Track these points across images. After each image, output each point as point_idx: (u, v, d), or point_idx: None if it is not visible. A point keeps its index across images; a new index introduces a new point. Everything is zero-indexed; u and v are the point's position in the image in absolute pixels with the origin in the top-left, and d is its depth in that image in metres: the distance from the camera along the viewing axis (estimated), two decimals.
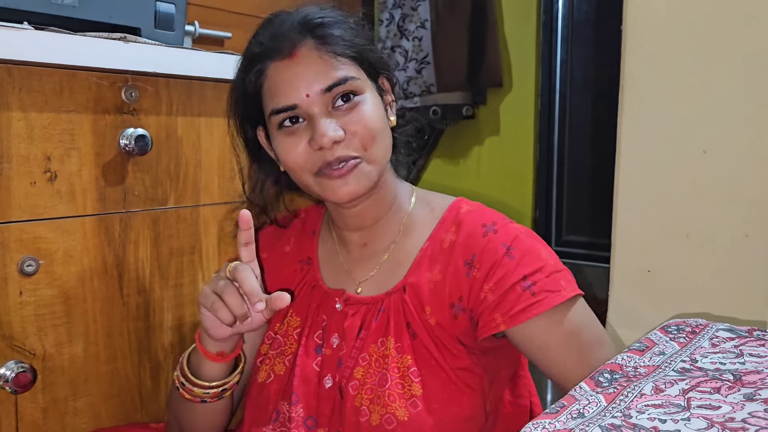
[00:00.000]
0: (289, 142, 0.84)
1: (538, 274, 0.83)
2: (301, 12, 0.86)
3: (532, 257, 0.85)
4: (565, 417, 0.60)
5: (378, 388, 0.84)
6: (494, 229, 0.87)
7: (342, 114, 0.83)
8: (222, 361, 0.88)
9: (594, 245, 2.44)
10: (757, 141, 1.26)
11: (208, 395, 0.89)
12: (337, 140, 0.81)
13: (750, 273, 1.27)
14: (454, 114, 2.41)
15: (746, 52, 1.26)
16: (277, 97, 0.83)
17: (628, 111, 1.38)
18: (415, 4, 2.43)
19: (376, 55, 0.88)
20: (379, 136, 0.84)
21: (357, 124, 0.82)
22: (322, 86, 0.81)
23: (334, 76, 0.82)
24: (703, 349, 0.78)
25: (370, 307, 0.90)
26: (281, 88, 0.83)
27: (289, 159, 0.84)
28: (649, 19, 1.34)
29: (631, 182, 1.39)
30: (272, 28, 0.85)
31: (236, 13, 2.01)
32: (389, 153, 0.88)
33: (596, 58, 2.50)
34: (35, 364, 0.92)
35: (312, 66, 0.82)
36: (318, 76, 0.82)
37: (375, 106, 0.85)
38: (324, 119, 0.82)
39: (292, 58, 0.82)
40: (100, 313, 0.99)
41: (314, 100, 0.82)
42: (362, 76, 0.85)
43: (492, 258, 0.85)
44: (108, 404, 1.01)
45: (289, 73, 0.82)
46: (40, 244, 0.92)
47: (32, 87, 0.90)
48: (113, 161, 0.99)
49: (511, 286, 0.83)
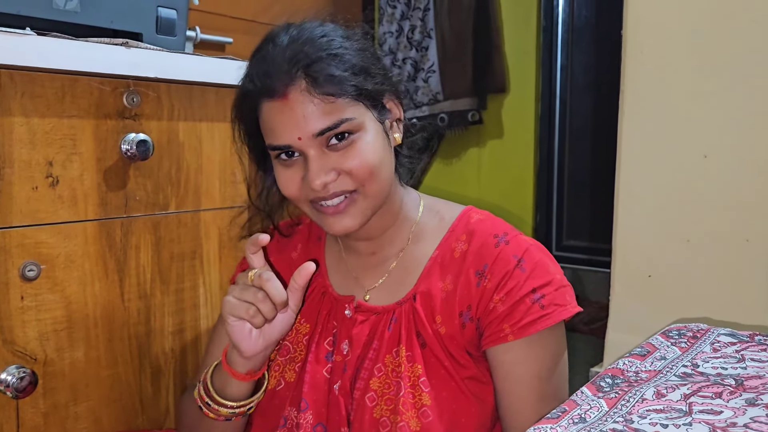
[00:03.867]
0: (285, 174, 0.84)
1: (547, 287, 0.84)
2: (294, 45, 0.81)
3: (542, 271, 0.85)
4: (567, 422, 0.60)
5: (394, 398, 0.84)
6: (506, 240, 0.87)
7: (337, 152, 0.81)
8: (251, 380, 0.87)
9: (595, 250, 2.44)
10: (757, 145, 1.26)
11: (234, 414, 0.88)
12: (328, 183, 0.81)
13: (751, 277, 1.27)
14: (460, 120, 2.45)
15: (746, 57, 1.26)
16: (272, 135, 0.82)
17: (628, 116, 1.38)
18: (422, 15, 2.45)
19: (377, 81, 0.84)
20: (377, 171, 0.82)
21: (352, 162, 0.81)
22: (314, 131, 0.79)
23: (326, 120, 0.79)
24: (704, 353, 0.78)
25: (382, 316, 0.89)
26: (275, 127, 0.81)
27: (286, 190, 0.85)
28: (649, 25, 1.35)
29: (631, 187, 1.39)
30: (264, 65, 0.81)
31: (237, 19, 2.01)
32: (389, 182, 0.86)
33: (596, 63, 2.50)
34: (36, 368, 0.91)
35: (303, 110, 0.79)
36: (309, 122, 0.79)
37: (374, 138, 0.83)
38: (316, 163, 0.80)
39: (283, 99, 0.79)
40: (101, 318, 0.99)
41: (306, 143, 0.80)
42: (359, 111, 0.82)
43: (503, 269, 0.85)
44: (109, 409, 1.01)
45: (282, 116, 0.80)
46: (41, 249, 0.92)
47: (34, 92, 0.90)
48: (115, 166, 0.99)
49: (521, 298, 0.83)
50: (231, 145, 1.14)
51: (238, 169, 1.16)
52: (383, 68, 0.87)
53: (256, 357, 0.86)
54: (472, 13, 2.38)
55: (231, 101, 1.13)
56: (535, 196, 2.53)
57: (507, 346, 0.83)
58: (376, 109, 0.84)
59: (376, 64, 0.85)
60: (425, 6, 2.46)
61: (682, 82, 1.33)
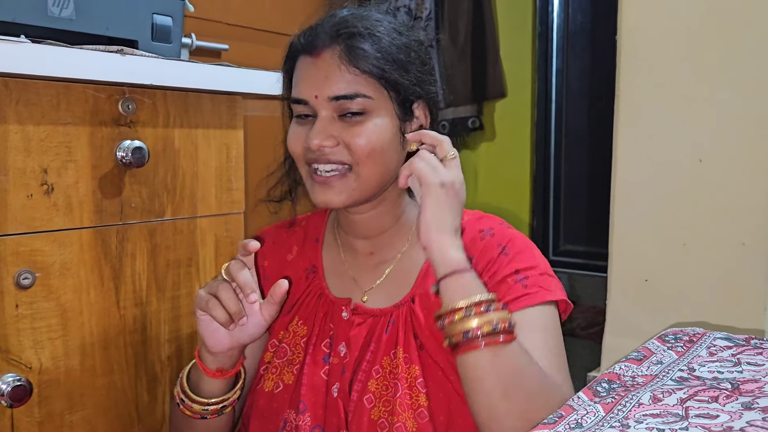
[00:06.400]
0: (295, 130, 0.87)
1: (530, 270, 0.86)
2: (347, 17, 0.86)
3: (525, 256, 0.87)
4: (563, 427, 0.60)
5: (392, 399, 0.85)
6: (491, 233, 0.90)
7: (346, 124, 0.84)
8: (222, 377, 0.88)
9: (591, 254, 2.44)
10: (753, 149, 1.26)
11: (207, 412, 0.89)
12: (324, 146, 0.83)
13: (747, 281, 1.27)
14: (462, 127, 2.47)
15: (741, 61, 1.27)
16: (296, 88, 0.87)
17: (623, 120, 1.39)
18: (424, 24, 2.46)
19: (409, 79, 0.86)
20: (376, 155, 0.84)
21: (354, 137, 0.83)
22: (330, 94, 0.83)
23: (345, 88, 0.83)
24: (700, 358, 0.78)
25: (379, 319, 0.90)
26: (300, 81, 0.86)
27: (290, 145, 0.88)
28: (644, 29, 1.35)
29: (627, 191, 1.40)
30: (315, 26, 0.87)
31: (233, 26, 2.01)
32: (386, 174, 0.86)
33: (592, 68, 2.51)
34: (31, 377, 0.91)
35: (329, 72, 0.83)
36: (330, 83, 0.83)
37: (384, 128, 0.84)
38: (321, 123, 0.84)
39: (316, 57, 0.84)
40: (97, 326, 0.99)
41: (321, 103, 0.84)
42: (380, 96, 0.84)
43: (487, 257, 0.87)
44: (104, 418, 1.00)
45: (309, 71, 0.85)
46: (36, 256, 0.92)
47: (29, 100, 0.90)
48: (110, 173, 0.99)
49: (503, 278, 0.85)
50: (227, 152, 1.15)
51: (235, 175, 1.16)
52: (424, 73, 0.89)
53: (224, 355, 0.87)
54: (470, 20, 2.40)
55: (227, 108, 1.14)
56: (532, 201, 2.54)
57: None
58: (401, 106, 0.86)
59: (417, 66, 0.87)
60: (427, 16, 2.46)
61: (677, 87, 1.34)
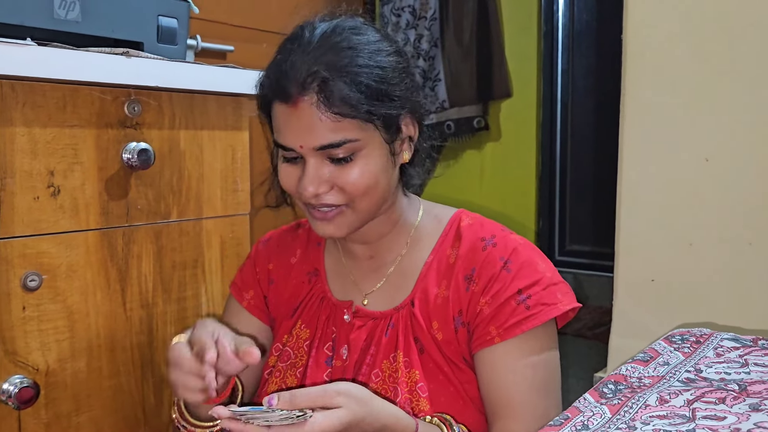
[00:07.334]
0: (286, 169, 0.85)
1: (534, 287, 0.85)
2: (319, 50, 0.80)
3: (529, 270, 0.86)
4: (570, 429, 0.60)
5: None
6: (493, 243, 0.88)
7: (336, 166, 0.82)
8: (215, 403, 0.85)
9: (597, 255, 2.43)
10: (759, 148, 1.26)
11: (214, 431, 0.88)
12: (319, 194, 0.82)
13: (754, 281, 1.26)
14: (467, 127, 2.46)
15: (747, 61, 1.26)
16: (278, 134, 0.83)
17: (629, 120, 1.38)
18: (429, 24, 2.46)
19: (395, 105, 0.82)
20: (371, 191, 0.83)
21: (347, 180, 0.81)
22: (315, 144, 0.80)
23: (330, 137, 0.79)
24: (707, 359, 0.77)
25: (379, 322, 0.90)
26: (281, 128, 0.82)
27: (284, 185, 0.86)
28: (650, 29, 1.35)
29: (633, 191, 1.39)
30: (285, 66, 0.81)
31: (238, 27, 2.02)
32: (383, 199, 0.86)
33: (597, 68, 2.50)
34: (38, 379, 0.91)
35: (310, 122, 0.79)
36: (313, 135, 0.79)
37: (375, 160, 0.82)
38: (312, 171, 0.81)
39: (292, 107, 0.80)
40: (103, 327, 0.99)
41: (308, 152, 0.81)
42: (367, 132, 0.81)
43: (490, 272, 0.86)
44: (111, 419, 1.01)
45: (289, 121, 0.81)
46: (43, 259, 0.92)
47: (35, 102, 0.91)
48: (116, 175, 0.99)
49: (507, 299, 0.84)
50: (232, 153, 1.15)
51: (240, 177, 1.16)
52: (407, 87, 0.85)
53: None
54: (475, 20, 2.39)
55: (232, 109, 1.14)
56: (538, 201, 2.53)
57: (494, 348, 0.84)
58: (388, 131, 0.83)
59: (399, 84, 0.83)
60: (431, 16, 2.46)
61: (683, 86, 1.33)
